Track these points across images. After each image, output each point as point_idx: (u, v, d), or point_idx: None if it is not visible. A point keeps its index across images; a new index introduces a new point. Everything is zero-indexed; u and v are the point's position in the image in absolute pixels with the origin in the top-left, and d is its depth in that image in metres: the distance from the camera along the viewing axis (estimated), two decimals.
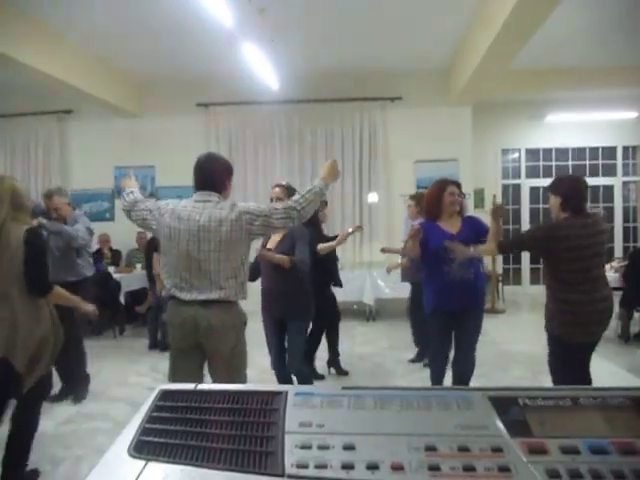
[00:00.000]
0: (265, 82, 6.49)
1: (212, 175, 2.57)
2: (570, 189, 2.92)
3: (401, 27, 5.98)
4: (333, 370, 4.77)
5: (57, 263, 3.80)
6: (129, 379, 4.64)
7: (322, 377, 4.59)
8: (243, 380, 2.58)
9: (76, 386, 4.15)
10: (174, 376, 2.56)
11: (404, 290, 6.77)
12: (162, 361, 5.32)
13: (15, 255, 2.48)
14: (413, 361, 5.07)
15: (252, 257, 2.91)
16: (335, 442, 0.71)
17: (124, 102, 7.46)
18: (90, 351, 4.85)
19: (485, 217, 7.85)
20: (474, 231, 3.31)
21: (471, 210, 7.71)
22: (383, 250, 5.59)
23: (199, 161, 2.64)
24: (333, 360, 4.77)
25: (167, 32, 5.85)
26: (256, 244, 3.06)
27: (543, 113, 8.60)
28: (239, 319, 2.56)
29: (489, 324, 6.81)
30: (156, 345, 5.83)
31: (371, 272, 7.14)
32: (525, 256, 8.87)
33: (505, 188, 9.13)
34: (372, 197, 7.76)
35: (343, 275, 7.00)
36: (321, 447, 0.70)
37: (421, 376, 4.60)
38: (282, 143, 7.74)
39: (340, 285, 4.82)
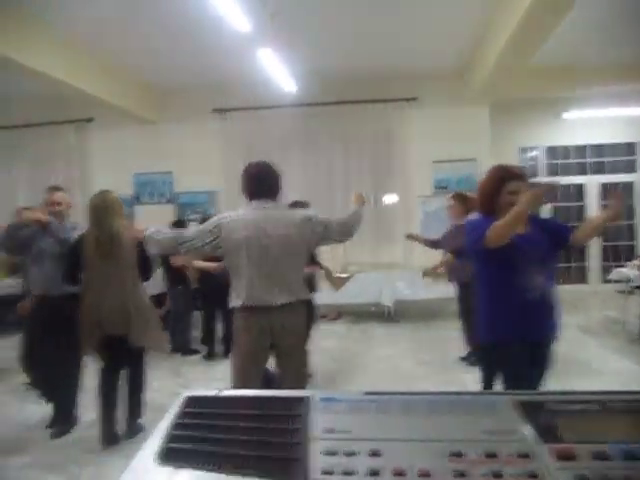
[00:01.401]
0: (282, 86, 6.51)
1: (268, 183, 2.66)
2: None
3: (417, 27, 5.95)
4: None
5: (57, 272, 3.52)
6: (151, 384, 4.65)
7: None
8: (305, 376, 2.82)
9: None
10: (243, 380, 2.64)
11: (425, 291, 6.76)
12: (184, 365, 5.38)
13: (129, 252, 3.29)
14: (464, 359, 4.95)
15: None
16: (361, 448, 0.71)
17: (142, 109, 7.55)
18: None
19: None
20: (550, 233, 2.45)
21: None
22: (410, 237, 5.34)
23: (252, 170, 2.69)
24: None
25: (183, 39, 5.90)
26: None
27: (562, 110, 8.48)
28: (305, 318, 2.72)
29: None
30: (177, 349, 5.87)
31: (389, 273, 7.11)
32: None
33: None
34: (390, 198, 7.74)
35: (361, 277, 7.04)
36: (347, 453, 0.70)
37: (443, 379, 4.57)
38: (299, 147, 7.76)
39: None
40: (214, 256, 3.28)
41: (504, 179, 2.41)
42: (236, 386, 2.70)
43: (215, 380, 4.77)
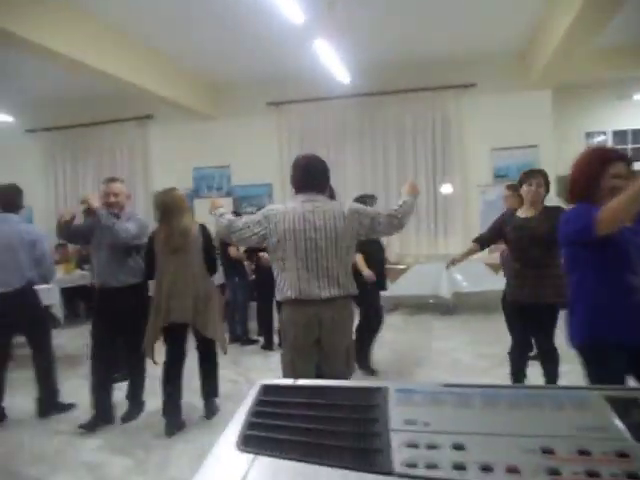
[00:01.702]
0: (335, 77, 6.48)
1: (316, 176, 2.65)
2: None
3: (474, 10, 5.76)
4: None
5: (112, 262, 3.61)
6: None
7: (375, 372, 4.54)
8: (352, 371, 2.76)
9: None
10: (291, 374, 2.62)
11: (484, 283, 6.58)
12: (242, 355, 5.50)
13: (196, 246, 3.52)
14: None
15: None
16: (443, 441, 0.69)
17: (199, 105, 7.72)
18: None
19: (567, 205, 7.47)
20: None
21: (554, 199, 7.33)
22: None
23: (300, 163, 2.69)
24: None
25: (238, 33, 5.98)
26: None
27: (631, 92, 8.00)
28: (352, 312, 2.72)
29: None
30: (236, 339, 6.00)
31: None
32: None
33: None
34: (446, 188, 7.57)
35: (419, 269, 6.94)
36: (429, 446, 0.68)
37: (504, 372, 4.44)
38: (353, 138, 7.71)
39: (385, 288, 4.83)
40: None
41: (606, 161, 2.15)
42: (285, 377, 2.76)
43: (272, 370, 4.84)
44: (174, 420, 3.58)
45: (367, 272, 4.28)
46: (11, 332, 4.06)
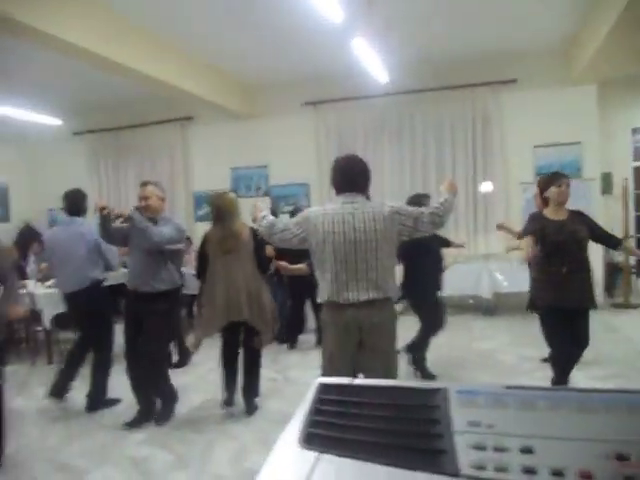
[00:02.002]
0: (373, 76, 6.45)
1: (356, 177, 2.63)
2: None
3: (514, 4, 5.63)
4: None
5: (144, 267, 3.60)
6: None
7: (434, 376, 4.45)
8: (394, 376, 2.66)
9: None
10: (330, 375, 2.59)
11: (525, 284, 6.41)
12: (281, 353, 5.53)
13: (248, 247, 3.69)
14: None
15: None
16: (511, 444, 0.67)
17: (237, 105, 7.81)
18: (214, 344, 5.17)
19: (613, 204, 7.23)
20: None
21: (598, 196, 7.12)
22: (500, 227, 5.25)
23: (340, 164, 2.69)
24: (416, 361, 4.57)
25: (276, 34, 6.01)
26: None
27: None
28: (394, 315, 2.66)
29: (621, 320, 6.26)
30: (275, 338, 6.03)
31: (488, 265, 6.84)
32: None
33: (637, 171, 8.27)
34: (486, 187, 7.41)
35: (458, 268, 6.83)
36: (497, 449, 0.67)
37: (548, 375, 4.34)
38: (391, 136, 7.65)
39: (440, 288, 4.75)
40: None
41: None
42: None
43: (311, 368, 4.85)
44: (229, 397, 3.90)
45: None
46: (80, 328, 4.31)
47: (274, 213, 6.21)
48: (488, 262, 6.97)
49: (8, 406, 3.29)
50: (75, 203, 4.21)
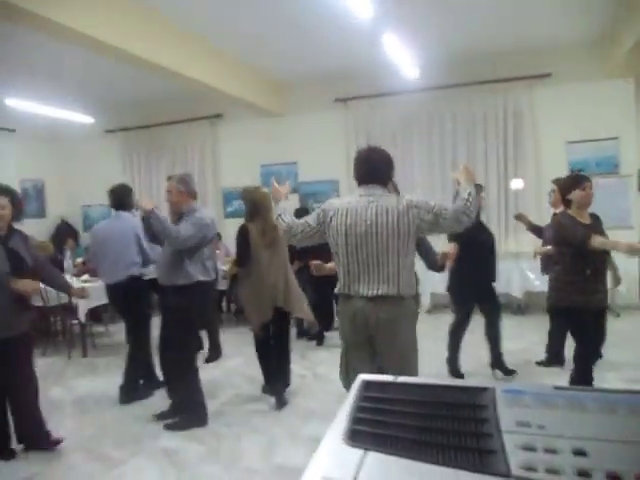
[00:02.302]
0: (404, 72, 6.39)
1: (376, 168, 2.56)
2: None
3: None
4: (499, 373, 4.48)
5: (166, 261, 3.61)
6: None
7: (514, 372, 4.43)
8: (414, 374, 2.57)
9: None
10: (347, 369, 2.63)
11: None
12: (309, 350, 5.55)
13: (283, 240, 3.64)
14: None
15: None
16: (562, 446, 0.66)
17: (267, 102, 7.83)
18: (243, 339, 5.23)
19: None
20: None
21: (635, 194, 6.92)
22: (518, 217, 5.22)
23: (361, 155, 2.63)
24: (496, 360, 4.49)
25: (305, 30, 6.00)
26: None
27: None
28: (409, 313, 2.55)
29: None
30: (302, 334, 6.07)
31: (519, 263, 6.73)
32: None
33: None
34: (516, 184, 7.26)
35: None
36: (548, 450, 0.66)
37: None
38: (421, 132, 7.57)
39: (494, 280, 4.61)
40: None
41: None
42: (340, 375, 2.73)
43: (338, 365, 4.86)
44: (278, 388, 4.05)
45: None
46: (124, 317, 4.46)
47: (304, 210, 6.30)
48: (519, 260, 6.84)
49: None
50: (120, 198, 4.30)
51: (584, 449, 0.66)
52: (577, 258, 3.33)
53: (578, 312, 3.39)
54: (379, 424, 0.76)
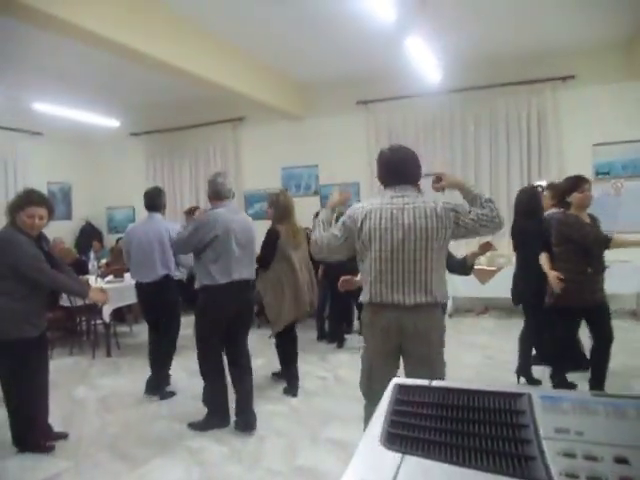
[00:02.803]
0: (426, 74, 6.37)
1: (406, 167, 2.41)
2: None
3: None
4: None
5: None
6: (301, 368, 4.87)
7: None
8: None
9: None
10: (369, 378, 2.47)
11: None
12: (329, 353, 5.55)
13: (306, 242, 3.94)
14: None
15: None
16: (603, 453, 0.66)
17: (289, 105, 7.87)
18: (265, 340, 5.25)
19: None
20: None
21: None
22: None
23: (385, 155, 2.47)
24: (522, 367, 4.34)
25: (327, 33, 6.02)
26: None
27: None
28: (442, 322, 2.44)
29: None
30: (323, 336, 6.07)
31: None
32: None
33: None
34: (539, 187, 7.18)
35: (510, 270, 6.64)
36: (588, 457, 0.65)
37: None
38: (444, 135, 7.53)
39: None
40: None
41: None
42: (361, 385, 2.54)
43: (359, 368, 4.84)
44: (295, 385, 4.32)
45: (553, 275, 3.58)
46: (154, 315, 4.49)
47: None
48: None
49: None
50: (152, 199, 4.45)
51: (626, 457, 0.65)
52: (574, 258, 3.47)
53: (567, 311, 3.54)
54: (416, 428, 0.76)
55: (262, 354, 5.22)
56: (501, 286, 6.54)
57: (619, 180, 6.16)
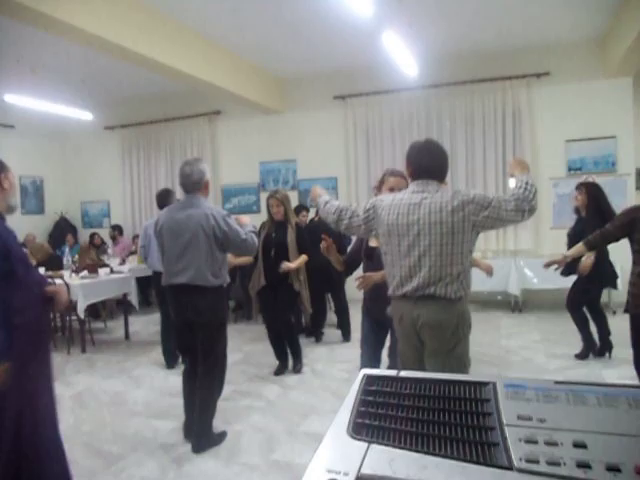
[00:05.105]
0: (403, 69, 6.40)
1: (433, 162, 2.41)
2: None
3: None
4: None
5: None
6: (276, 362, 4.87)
7: None
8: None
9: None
10: (402, 364, 2.52)
11: (554, 280, 6.31)
12: (307, 347, 5.56)
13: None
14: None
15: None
16: (563, 439, 0.67)
17: (266, 99, 7.83)
18: (242, 336, 5.24)
19: None
20: None
21: (633, 192, 6.95)
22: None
23: (416, 148, 2.48)
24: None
25: (305, 28, 6.01)
26: None
27: None
28: (460, 318, 2.36)
29: None
30: (301, 330, 6.07)
31: (517, 261, 6.75)
32: None
33: None
34: (513, 182, 7.28)
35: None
36: (548, 443, 0.67)
37: (578, 373, 4.28)
38: (420, 130, 7.58)
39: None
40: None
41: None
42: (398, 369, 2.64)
43: (337, 362, 4.90)
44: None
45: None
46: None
47: (303, 207, 6.32)
48: (517, 258, 6.87)
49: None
50: (163, 199, 4.84)
51: (584, 442, 0.67)
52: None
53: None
54: (382, 417, 0.77)
55: (238, 349, 5.21)
56: (477, 280, 6.62)
57: (590, 176, 6.28)
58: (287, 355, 4.76)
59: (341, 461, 0.68)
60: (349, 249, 3.54)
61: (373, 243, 2.99)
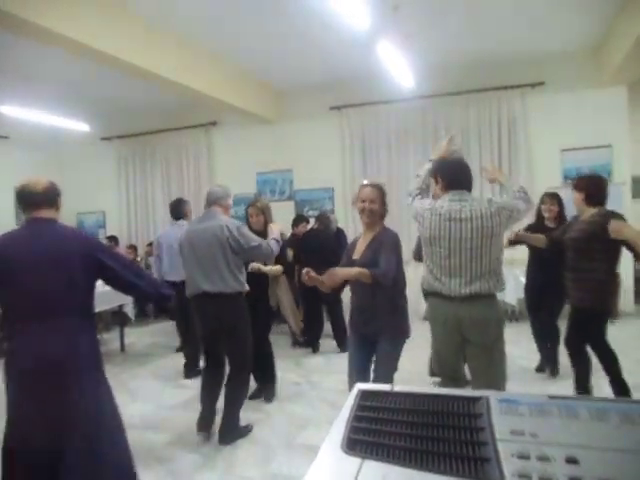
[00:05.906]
0: (399, 80, 6.44)
1: (467, 175, 2.71)
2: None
3: (541, 6, 5.55)
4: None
5: None
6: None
7: None
8: (503, 376, 2.66)
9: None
10: (438, 362, 2.81)
11: None
12: (304, 357, 5.54)
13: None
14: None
15: None
16: (555, 454, 0.67)
17: (262, 110, 7.86)
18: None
19: None
20: None
21: (629, 200, 6.98)
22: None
23: (447, 163, 2.81)
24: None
25: (301, 39, 6.04)
26: None
27: None
28: (500, 313, 2.69)
29: None
30: (298, 342, 6.05)
31: (513, 269, 6.74)
32: None
33: None
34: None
35: None
36: (541, 458, 0.67)
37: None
38: (416, 140, 7.60)
39: None
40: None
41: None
42: (434, 367, 2.97)
43: (333, 372, 4.87)
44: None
45: None
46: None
47: (301, 217, 6.34)
48: (513, 267, 6.87)
49: None
50: (176, 209, 5.12)
51: (576, 457, 0.67)
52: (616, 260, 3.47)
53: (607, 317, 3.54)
54: (376, 433, 0.77)
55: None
56: None
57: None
58: (264, 378, 4.32)
59: (335, 477, 0.68)
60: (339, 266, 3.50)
61: (356, 256, 2.97)
